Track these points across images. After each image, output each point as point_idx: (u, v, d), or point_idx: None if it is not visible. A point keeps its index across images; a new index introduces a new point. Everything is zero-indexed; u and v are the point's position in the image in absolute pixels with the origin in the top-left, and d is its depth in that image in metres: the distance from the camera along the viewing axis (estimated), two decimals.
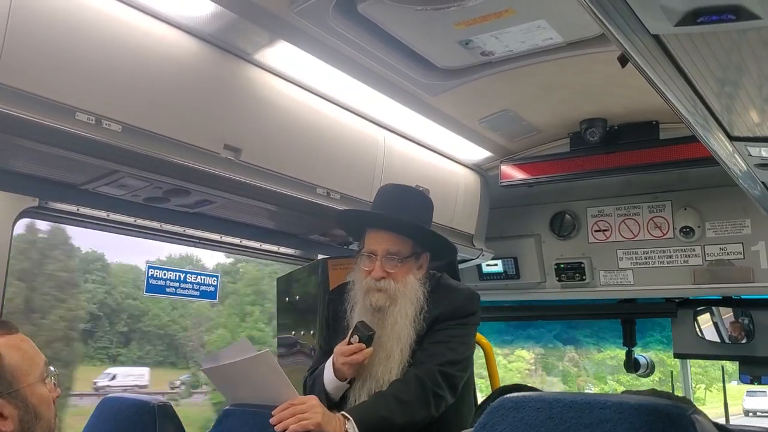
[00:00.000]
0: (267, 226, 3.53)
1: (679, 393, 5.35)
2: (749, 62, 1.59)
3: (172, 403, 2.54)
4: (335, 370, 2.50)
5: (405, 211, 2.61)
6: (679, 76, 1.66)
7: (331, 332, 2.77)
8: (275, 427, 2.13)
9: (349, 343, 2.46)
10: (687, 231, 4.16)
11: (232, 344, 2.32)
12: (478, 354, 4.03)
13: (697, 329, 4.44)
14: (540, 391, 2.07)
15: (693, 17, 1.31)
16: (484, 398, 2.27)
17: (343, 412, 2.27)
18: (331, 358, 2.54)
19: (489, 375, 4.54)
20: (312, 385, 2.63)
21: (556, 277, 4.58)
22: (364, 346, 2.44)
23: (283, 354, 3.97)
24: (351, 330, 2.49)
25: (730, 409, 5.60)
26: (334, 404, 2.54)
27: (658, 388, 1.77)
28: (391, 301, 2.54)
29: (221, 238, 3.57)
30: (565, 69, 3.10)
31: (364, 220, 2.72)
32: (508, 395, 1.44)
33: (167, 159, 2.40)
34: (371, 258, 2.58)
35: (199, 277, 3.79)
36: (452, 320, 2.58)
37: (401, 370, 2.49)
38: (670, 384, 5.53)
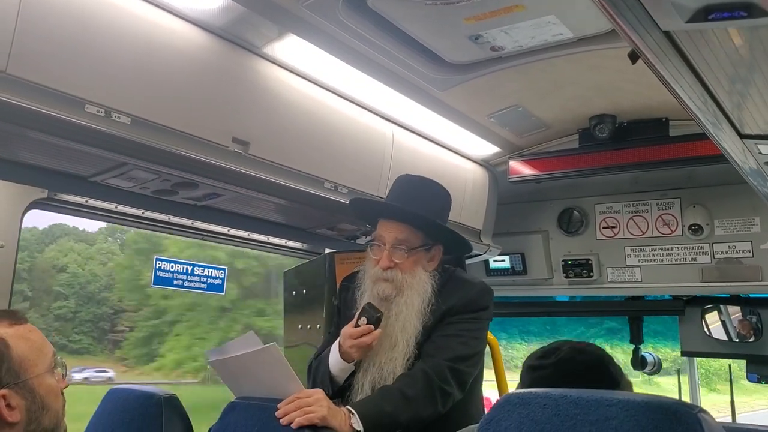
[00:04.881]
0: (274, 219, 3.53)
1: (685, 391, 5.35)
2: (761, 60, 1.58)
3: None
4: (342, 353, 2.50)
5: (417, 201, 2.60)
6: (689, 72, 1.65)
7: (342, 318, 2.77)
8: (281, 421, 2.13)
9: (357, 325, 2.45)
10: (695, 229, 4.14)
11: (238, 337, 2.32)
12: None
13: (705, 327, 4.43)
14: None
15: (704, 14, 1.30)
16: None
17: (347, 407, 2.28)
18: (337, 341, 2.54)
19: (495, 373, 4.52)
20: (317, 368, 2.63)
21: (563, 274, 4.57)
22: (372, 327, 2.43)
23: (289, 347, 3.98)
24: (358, 312, 2.48)
25: None
26: (338, 392, 2.55)
27: None
28: (398, 291, 2.54)
29: (229, 231, 3.58)
30: (575, 65, 3.09)
31: (375, 210, 2.74)
32: (514, 391, 1.44)
33: (176, 152, 2.40)
34: (380, 247, 2.58)
35: (206, 269, 3.80)
36: (464, 314, 2.57)
37: (405, 361, 2.49)
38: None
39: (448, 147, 3.88)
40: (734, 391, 5.62)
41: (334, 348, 2.54)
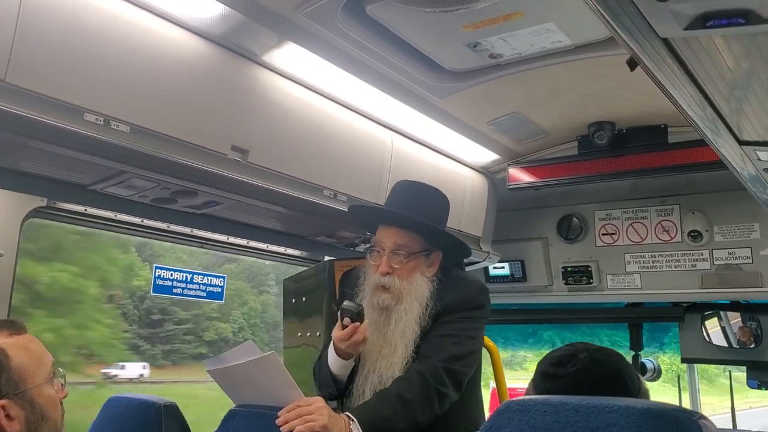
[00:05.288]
0: (274, 227, 3.52)
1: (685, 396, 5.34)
2: (759, 66, 1.58)
3: None
4: (339, 353, 2.51)
5: (416, 207, 2.60)
6: (688, 79, 1.65)
7: None
8: (281, 428, 2.12)
9: (343, 326, 2.45)
10: (695, 235, 4.14)
11: (237, 346, 2.31)
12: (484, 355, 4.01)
13: (705, 334, 4.42)
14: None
15: (702, 21, 1.31)
16: None
17: (347, 413, 2.28)
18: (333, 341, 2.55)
19: (495, 380, 4.51)
20: (320, 370, 2.64)
21: (563, 281, 4.57)
22: (358, 324, 2.44)
23: (288, 348, 3.97)
24: (339, 313, 2.48)
25: None
26: (342, 393, 2.56)
27: None
28: (397, 300, 2.53)
29: (228, 239, 3.57)
30: (574, 72, 3.10)
31: (374, 216, 2.75)
32: (515, 399, 1.43)
33: (175, 160, 2.40)
34: (379, 253, 2.58)
35: (205, 278, 3.79)
36: (459, 312, 2.56)
37: (404, 365, 2.48)
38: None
39: (447, 154, 3.89)
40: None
41: (331, 347, 2.55)
